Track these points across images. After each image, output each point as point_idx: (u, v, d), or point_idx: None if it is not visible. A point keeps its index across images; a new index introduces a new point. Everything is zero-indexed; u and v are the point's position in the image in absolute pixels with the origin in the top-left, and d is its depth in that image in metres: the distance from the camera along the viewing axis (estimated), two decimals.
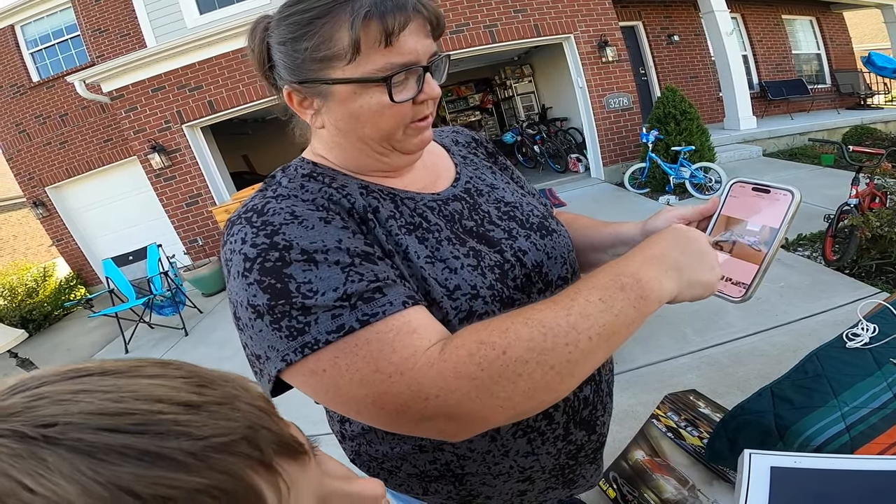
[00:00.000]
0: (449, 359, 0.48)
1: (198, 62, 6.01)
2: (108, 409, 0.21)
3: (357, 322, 0.50)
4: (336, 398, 0.51)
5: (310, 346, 0.49)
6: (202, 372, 0.26)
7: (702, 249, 0.57)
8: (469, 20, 6.25)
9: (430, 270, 0.59)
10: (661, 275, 0.53)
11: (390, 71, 0.56)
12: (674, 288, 0.54)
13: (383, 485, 0.38)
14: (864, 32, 14.10)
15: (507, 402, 0.48)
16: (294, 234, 0.53)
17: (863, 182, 3.38)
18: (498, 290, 0.62)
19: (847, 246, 3.06)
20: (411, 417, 0.49)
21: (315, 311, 0.50)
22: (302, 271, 0.51)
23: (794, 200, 0.58)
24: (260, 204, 0.57)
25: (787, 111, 8.96)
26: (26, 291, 7.62)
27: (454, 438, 0.52)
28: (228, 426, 0.23)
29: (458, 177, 0.74)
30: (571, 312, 0.49)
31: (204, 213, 6.52)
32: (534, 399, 0.49)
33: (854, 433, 0.81)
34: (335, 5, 0.55)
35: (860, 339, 1.02)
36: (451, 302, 0.59)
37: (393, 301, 0.52)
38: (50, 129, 7.49)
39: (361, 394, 0.49)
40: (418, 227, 0.63)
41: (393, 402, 0.49)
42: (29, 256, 13.30)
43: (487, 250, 0.65)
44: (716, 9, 6.98)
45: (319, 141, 0.68)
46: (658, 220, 0.69)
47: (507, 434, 0.67)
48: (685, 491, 1.20)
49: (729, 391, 2.06)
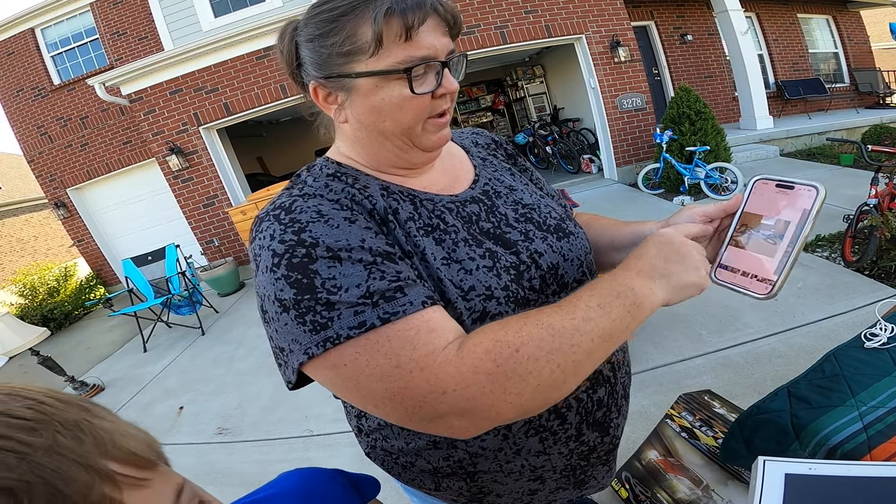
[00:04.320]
0: (467, 355, 0.51)
1: (213, 65, 6.10)
2: None
3: (378, 319, 0.52)
4: (355, 392, 0.54)
5: (332, 340, 0.52)
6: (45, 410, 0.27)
7: (684, 253, 0.60)
8: (480, 21, 6.26)
9: (445, 272, 0.61)
10: (651, 283, 0.58)
11: (410, 63, 0.59)
12: (664, 295, 0.58)
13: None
14: (882, 31, 13.81)
15: (517, 397, 0.51)
16: (320, 232, 0.55)
17: (882, 182, 3.31)
18: (513, 291, 0.64)
19: (866, 246, 3.01)
20: (426, 412, 0.51)
21: (338, 306, 0.52)
22: (327, 268, 0.53)
23: (819, 196, 0.58)
24: (288, 202, 0.59)
25: (804, 110, 8.82)
26: (47, 291, 7.81)
27: (462, 436, 0.54)
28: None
29: (476, 178, 0.76)
30: (575, 316, 0.54)
31: (220, 214, 6.62)
32: (541, 395, 0.53)
33: (871, 432, 0.81)
34: (359, 3, 0.58)
35: (878, 339, 1.01)
36: (466, 303, 0.60)
37: (413, 300, 0.54)
38: (71, 131, 7.65)
39: (381, 388, 0.52)
40: (436, 229, 0.65)
41: (411, 396, 0.51)
42: (50, 257, 13.60)
43: (503, 252, 0.66)
44: (730, 8, 6.89)
45: (342, 138, 0.70)
46: (681, 217, 0.69)
47: (519, 433, 0.68)
48: (699, 491, 1.20)
49: (745, 393, 2.04)
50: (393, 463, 0.76)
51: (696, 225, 0.65)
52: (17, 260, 12.96)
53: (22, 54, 7.64)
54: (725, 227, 0.66)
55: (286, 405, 2.97)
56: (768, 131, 7.17)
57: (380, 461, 0.78)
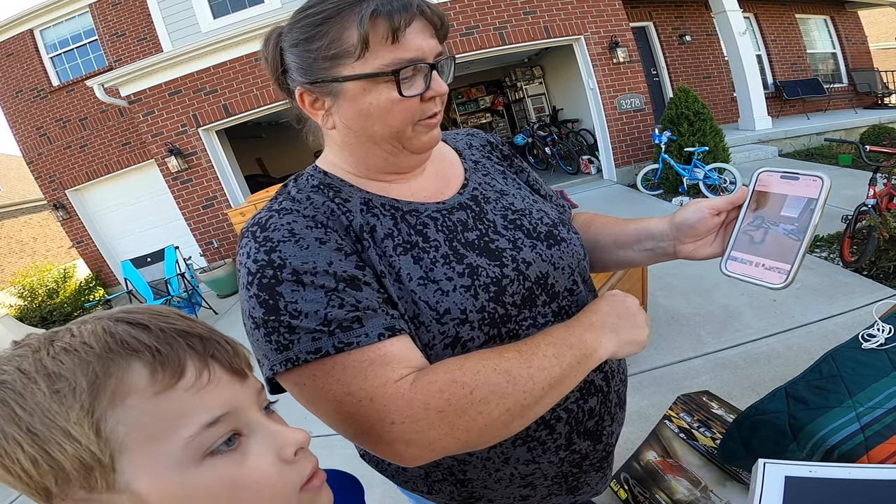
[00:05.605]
0: (420, 391, 0.53)
1: (212, 66, 6.11)
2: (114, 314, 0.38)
3: (333, 348, 0.54)
4: (313, 409, 0.57)
5: (292, 361, 0.54)
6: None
7: (633, 312, 0.65)
8: (479, 22, 6.27)
9: (421, 293, 0.60)
10: (601, 336, 0.61)
11: (398, 65, 0.59)
12: (612, 347, 0.62)
13: (307, 434, 0.43)
14: (880, 31, 13.86)
15: (465, 433, 0.54)
16: (288, 253, 0.57)
17: (880, 182, 3.32)
18: (489, 312, 0.63)
19: (865, 247, 3.01)
20: (374, 438, 0.54)
21: (298, 331, 0.54)
22: (290, 291, 0.55)
23: (825, 185, 0.58)
24: (265, 217, 0.60)
25: (803, 111, 8.83)
26: (47, 292, 7.80)
27: (409, 463, 0.56)
28: (192, 325, 0.39)
29: (466, 183, 0.74)
30: (532, 365, 0.56)
31: (219, 216, 6.62)
32: (488, 434, 0.56)
33: (869, 433, 0.81)
34: (344, 7, 0.58)
35: (876, 340, 1.01)
36: (440, 326, 0.60)
37: (369, 332, 0.55)
38: (70, 132, 7.66)
39: (332, 410, 0.55)
40: (415, 246, 0.63)
41: (360, 422, 0.54)
42: (49, 258, 13.58)
43: (487, 264, 0.65)
44: (728, 8, 6.91)
45: (330, 145, 0.70)
46: (689, 212, 0.69)
47: (506, 442, 0.68)
48: (697, 492, 1.20)
49: (743, 393, 2.05)
50: (386, 465, 0.76)
51: (722, 199, 0.67)
52: (17, 261, 12.94)
53: (21, 55, 7.65)
54: (733, 219, 0.66)
55: (285, 405, 2.96)
56: (767, 132, 7.18)
57: (374, 464, 0.78)
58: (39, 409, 0.31)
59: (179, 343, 0.36)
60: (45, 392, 0.31)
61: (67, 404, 0.31)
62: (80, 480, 0.31)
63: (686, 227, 0.69)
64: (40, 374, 0.31)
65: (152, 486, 0.33)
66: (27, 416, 0.31)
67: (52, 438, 0.31)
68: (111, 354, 0.33)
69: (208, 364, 0.37)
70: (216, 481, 0.35)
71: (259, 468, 0.37)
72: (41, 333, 0.35)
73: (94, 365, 0.32)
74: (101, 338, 0.34)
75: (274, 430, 0.40)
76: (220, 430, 0.36)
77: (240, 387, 0.40)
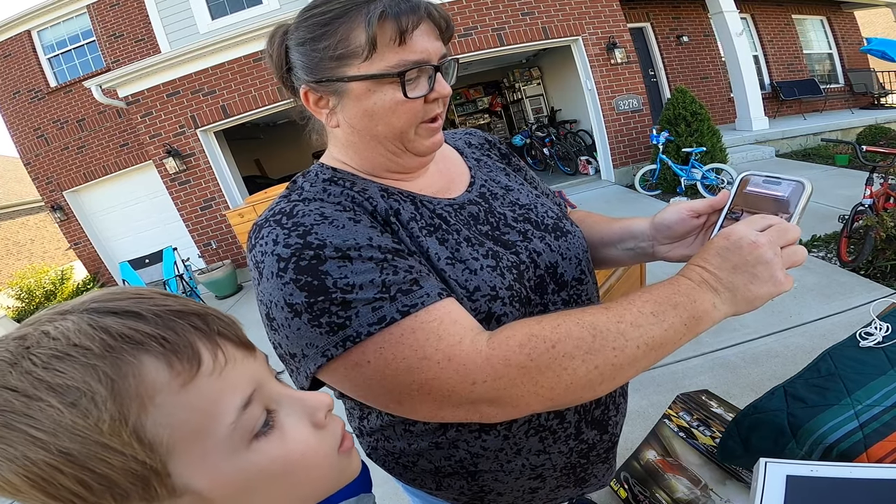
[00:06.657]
0: (499, 347, 0.51)
1: (211, 67, 6.10)
2: (104, 296, 0.34)
3: (398, 313, 0.52)
4: (378, 388, 0.53)
5: (352, 338, 0.51)
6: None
7: (753, 260, 0.53)
8: (477, 23, 6.28)
9: (450, 272, 0.61)
10: (714, 297, 0.54)
11: (403, 67, 0.59)
12: (728, 310, 0.55)
13: (330, 396, 0.42)
14: (876, 32, 13.89)
15: (549, 391, 0.51)
16: (326, 233, 0.55)
17: (877, 182, 3.34)
18: (517, 291, 0.63)
19: (862, 246, 3.03)
20: (456, 401, 0.52)
21: (355, 304, 0.52)
22: (338, 268, 0.53)
23: (806, 191, 0.59)
24: (288, 207, 0.59)
25: (799, 111, 8.87)
26: (44, 294, 7.78)
27: (492, 420, 0.54)
28: (183, 303, 0.35)
29: (472, 181, 0.75)
30: (623, 320, 0.52)
31: (218, 217, 6.61)
32: (573, 393, 0.52)
33: (867, 431, 0.81)
34: (352, 7, 0.58)
35: (873, 339, 1.02)
36: (472, 303, 0.60)
37: (430, 292, 0.54)
38: (68, 133, 7.63)
39: (408, 381, 0.51)
40: (438, 228, 0.64)
41: (440, 387, 0.51)
42: (46, 259, 13.55)
43: (504, 252, 0.66)
44: (725, 9, 6.93)
45: (335, 143, 0.70)
46: (667, 213, 0.69)
47: (518, 432, 0.69)
48: (697, 490, 1.20)
49: (742, 393, 2.05)
50: (394, 463, 0.76)
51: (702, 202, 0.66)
52: (14, 263, 12.90)
53: (19, 56, 7.63)
54: (712, 223, 0.67)
55: None
56: (764, 132, 7.21)
57: (381, 462, 0.78)
58: (61, 427, 0.27)
59: (181, 325, 0.33)
60: (58, 408, 0.27)
61: (94, 417, 0.28)
62: (138, 492, 0.29)
63: (664, 228, 0.70)
64: (41, 389, 0.27)
65: (212, 482, 0.32)
66: (50, 438, 0.27)
67: (93, 455, 0.28)
68: (114, 353, 0.29)
69: (218, 342, 0.35)
70: (269, 462, 0.34)
71: (300, 440, 0.37)
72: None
73: (101, 368, 0.28)
74: (93, 336, 0.29)
75: (299, 398, 0.39)
76: (256, 410, 0.35)
77: (253, 361, 0.38)
